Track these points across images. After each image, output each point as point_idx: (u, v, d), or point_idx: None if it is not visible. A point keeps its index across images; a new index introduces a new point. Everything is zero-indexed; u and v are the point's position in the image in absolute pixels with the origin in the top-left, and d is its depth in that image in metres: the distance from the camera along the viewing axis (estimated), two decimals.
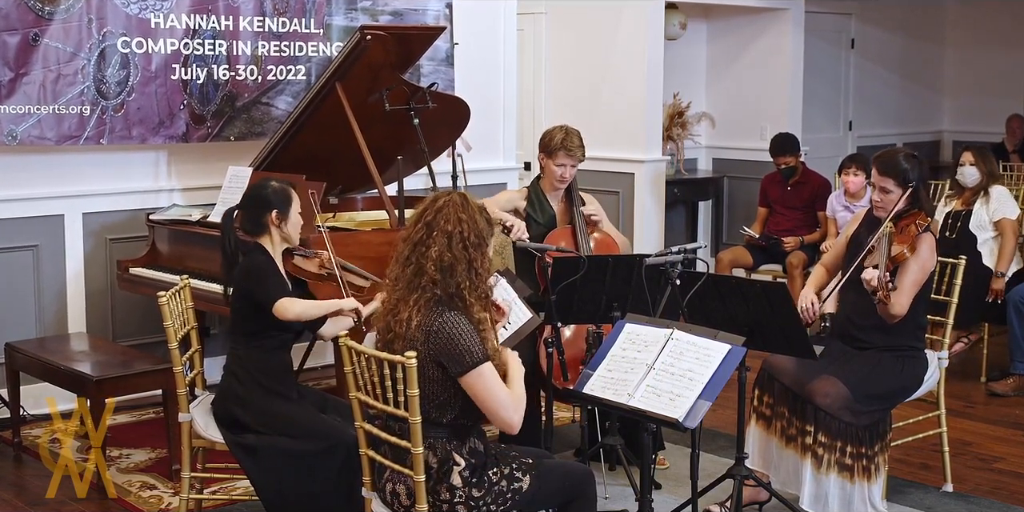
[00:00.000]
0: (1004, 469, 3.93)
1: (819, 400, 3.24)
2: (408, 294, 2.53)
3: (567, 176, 3.90)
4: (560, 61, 6.64)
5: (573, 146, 3.86)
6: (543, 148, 3.91)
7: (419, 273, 2.52)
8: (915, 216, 3.35)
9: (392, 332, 2.54)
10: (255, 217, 3.12)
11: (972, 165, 4.97)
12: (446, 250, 2.51)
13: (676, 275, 3.10)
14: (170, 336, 3.08)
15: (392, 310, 2.56)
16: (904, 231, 3.31)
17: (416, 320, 2.49)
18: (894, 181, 3.35)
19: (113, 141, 4.38)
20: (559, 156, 3.86)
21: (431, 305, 2.52)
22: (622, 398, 2.62)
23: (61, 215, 4.46)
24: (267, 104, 4.72)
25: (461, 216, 2.54)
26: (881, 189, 3.39)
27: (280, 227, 3.13)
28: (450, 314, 2.50)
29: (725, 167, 7.29)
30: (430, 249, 2.52)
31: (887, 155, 3.44)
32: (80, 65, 4.25)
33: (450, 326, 2.48)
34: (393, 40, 4.05)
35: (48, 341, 4.28)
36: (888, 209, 3.36)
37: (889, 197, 3.37)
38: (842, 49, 7.86)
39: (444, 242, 2.52)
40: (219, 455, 3.19)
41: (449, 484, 2.50)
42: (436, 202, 2.58)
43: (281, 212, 3.12)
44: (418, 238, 2.55)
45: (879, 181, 3.39)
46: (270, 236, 3.14)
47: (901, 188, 3.34)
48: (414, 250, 2.55)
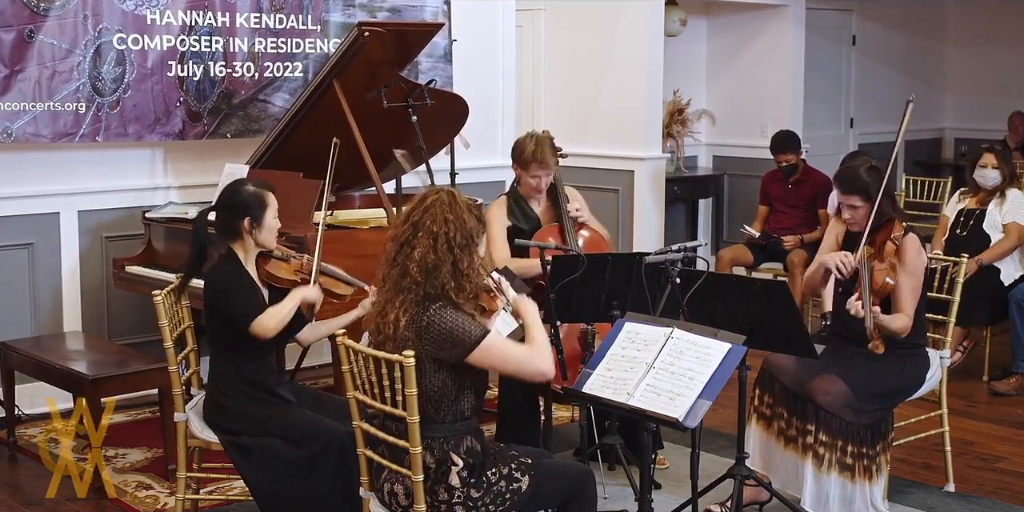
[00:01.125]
0: (1007, 469, 3.91)
1: (820, 398, 3.23)
2: (395, 295, 2.53)
3: (542, 187, 3.87)
4: (559, 58, 6.62)
5: (545, 157, 3.80)
6: (515, 159, 3.87)
7: (404, 274, 2.52)
8: (890, 228, 3.33)
9: (381, 334, 2.54)
10: (228, 222, 3.04)
11: (995, 168, 4.91)
12: (430, 251, 2.51)
13: (676, 273, 3.10)
14: (165, 335, 3.08)
15: (380, 312, 2.56)
16: (882, 250, 3.29)
17: (404, 320, 2.50)
18: (859, 197, 3.36)
19: (109, 138, 4.36)
20: (532, 168, 3.82)
21: (416, 303, 2.51)
22: (621, 397, 2.61)
23: (57, 213, 4.45)
24: (264, 101, 4.70)
25: (448, 216, 2.53)
26: (849, 207, 3.39)
27: (253, 234, 3.04)
28: (435, 307, 2.50)
29: (725, 165, 7.28)
30: (414, 250, 2.52)
31: (846, 172, 3.45)
32: (76, 62, 4.23)
33: (438, 317, 2.48)
34: (391, 37, 4.04)
35: (43, 340, 4.26)
36: (862, 224, 3.36)
37: (859, 212, 3.38)
38: (843, 46, 7.84)
39: (428, 243, 2.51)
40: (215, 455, 3.18)
41: (447, 484, 2.49)
42: (424, 200, 2.57)
43: (255, 218, 3.03)
44: (404, 238, 2.55)
45: (845, 200, 3.40)
46: (243, 242, 3.06)
47: (868, 203, 3.34)
48: (400, 251, 2.55)
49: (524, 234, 3.81)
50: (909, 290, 3.30)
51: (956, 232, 4.97)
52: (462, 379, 2.54)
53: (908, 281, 3.29)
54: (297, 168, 4.00)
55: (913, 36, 8.29)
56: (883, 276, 3.22)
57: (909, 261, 3.30)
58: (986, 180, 4.95)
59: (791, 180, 5.76)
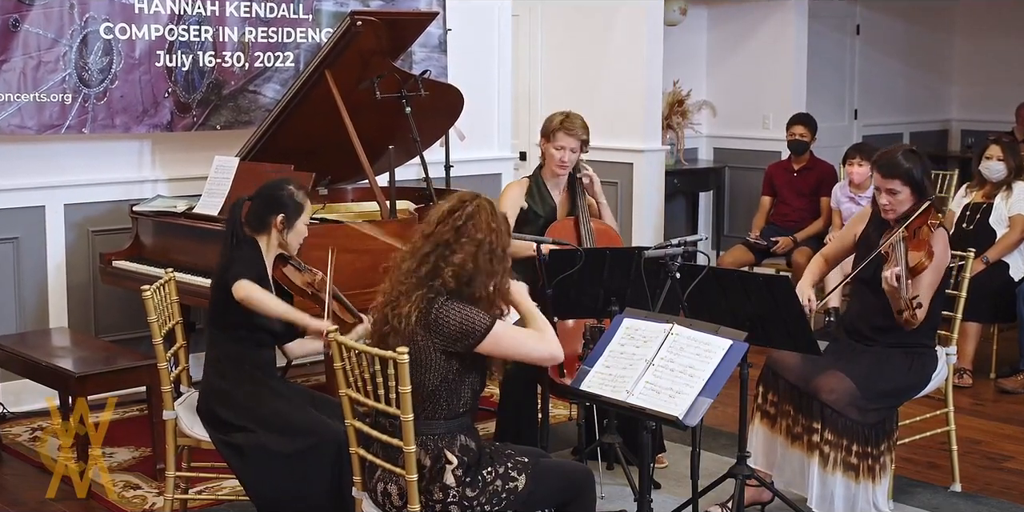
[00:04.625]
0: (1014, 468, 3.88)
1: (824, 396, 3.20)
2: (414, 290, 2.51)
3: (567, 160, 3.82)
4: (557, 47, 6.59)
5: (574, 126, 3.79)
6: (543, 132, 3.87)
7: (434, 275, 2.51)
8: (926, 215, 3.28)
9: (389, 325, 2.52)
10: (261, 214, 3.11)
11: (1000, 160, 4.87)
12: (470, 259, 2.50)
13: (676, 268, 3.07)
14: (154, 331, 3.06)
15: (392, 302, 2.53)
16: (918, 235, 3.24)
17: (415, 315, 2.48)
18: (900, 181, 3.28)
19: (96, 130, 4.34)
20: (558, 137, 3.80)
21: (425, 300, 2.50)
22: (620, 395, 2.59)
23: (42, 206, 4.42)
24: (254, 92, 4.69)
25: (492, 224, 2.54)
26: (888, 191, 3.31)
27: (282, 233, 3.11)
28: (440, 300, 2.49)
29: (727, 157, 7.24)
30: (454, 254, 2.51)
31: (886, 156, 3.36)
32: (62, 52, 4.21)
33: (446, 310, 2.48)
34: (384, 26, 4.02)
35: (28, 336, 4.23)
36: (898, 210, 3.30)
37: (898, 198, 3.30)
38: (847, 35, 7.78)
39: (472, 250, 2.51)
40: (205, 454, 3.17)
41: (442, 484, 2.47)
42: (466, 206, 2.55)
43: (288, 218, 3.10)
44: (443, 240, 2.52)
45: (884, 184, 3.31)
46: (268, 237, 3.12)
47: (908, 187, 3.27)
48: (435, 250, 2.52)
49: (540, 219, 3.82)
50: (928, 283, 3.25)
51: (962, 226, 4.94)
52: (463, 373, 2.53)
53: (930, 274, 3.24)
54: (288, 160, 4.00)
55: (919, 25, 8.21)
56: (919, 256, 3.18)
57: (936, 255, 3.25)
58: (991, 172, 4.89)
59: (797, 168, 5.74)
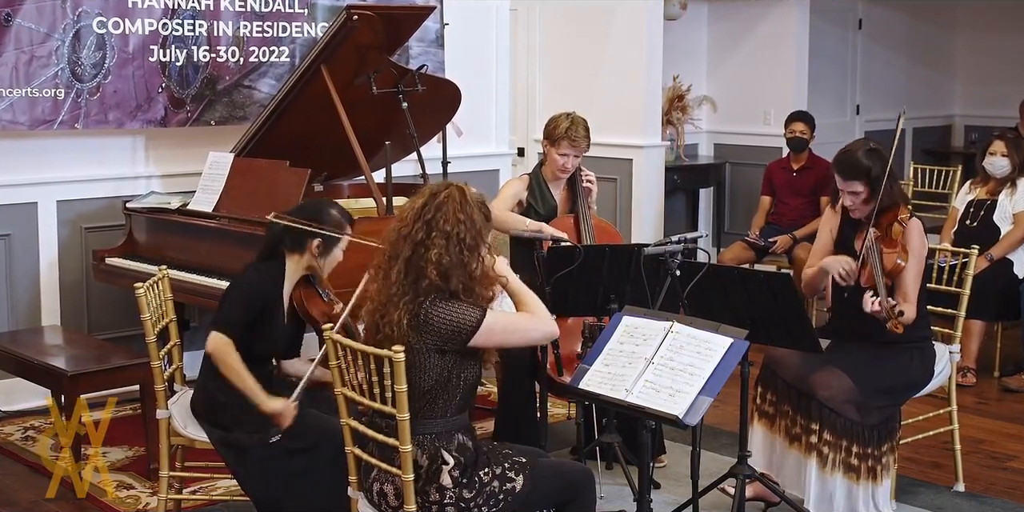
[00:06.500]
0: (1018, 468, 3.86)
1: (821, 393, 3.18)
2: (402, 295, 2.49)
3: (569, 166, 3.84)
4: (556, 42, 6.57)
5: (578, 136, 3.78)
6: (546, 135, 3.85)
7: (420, 277, 2.49)
8: (895, 211, 3.24)
9: (381, 333, 2.51)
10: (298, 234, 3.02)
11: (1004, 156, 4.84)
12: (444, 252, 2.49)
13: (676, 266, 3.05)
14: (147, 329, 3.04)
15: (380, 310, 2.52)
16: (889, 233, 3.21)
17: (406, 320, 2.48)
18: (860, 182, 3.23)
19: (88, 125, 4.33)
20: (562, 145, 3.80)
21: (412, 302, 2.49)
22: (620, 394, 2.58)
23: (34, 203, 4.40)
24: (249, 87, 4.67)
25: (459, 216, 2.51)
26: (850, 193, 3.26)
27: (316, 257, 3.03)
28: (428, 301, 2.49)
29: (727, 153, 7.22)
30: (429, 251, 2.49)
31: (844, 156, 3.29)
32: (54, 46, 4.19)
33: (434, 310, 2.48)
34: (380, 20, 4.01)
35: (20, 334, 4.22)
36: (864, 211, 3.26)
37: (861, 198, 3.25)
38: (849, 30, 7.75)
39: (442, 244, 2.49)
40: (199, 453, 3.15)
41: (439, 484, 2.46)
42: (436, 197, 2.53)
43: (327, 244, 3.02)
44: (418, 238, 2.51)
45: (845, 186, 3.26)
46: (299, 258, 3.04)
47: (870, 187, 3.22)
48: (414, 251, 2.51)
49: (540, 218, 3.81)
50: (913, 276, 3.23)
51: (966, 223, 4.91)
52: (459, 371, 2.51)
53: (912, 266, 3.22)
54: (283, 156, 4.00)
55: (922, 20, 8.17)
56: (893, 257, 3.16)
57: (913, 245, 3.22)
58: (995, 168, 4.86)
59: (796, 167, 5.71)
